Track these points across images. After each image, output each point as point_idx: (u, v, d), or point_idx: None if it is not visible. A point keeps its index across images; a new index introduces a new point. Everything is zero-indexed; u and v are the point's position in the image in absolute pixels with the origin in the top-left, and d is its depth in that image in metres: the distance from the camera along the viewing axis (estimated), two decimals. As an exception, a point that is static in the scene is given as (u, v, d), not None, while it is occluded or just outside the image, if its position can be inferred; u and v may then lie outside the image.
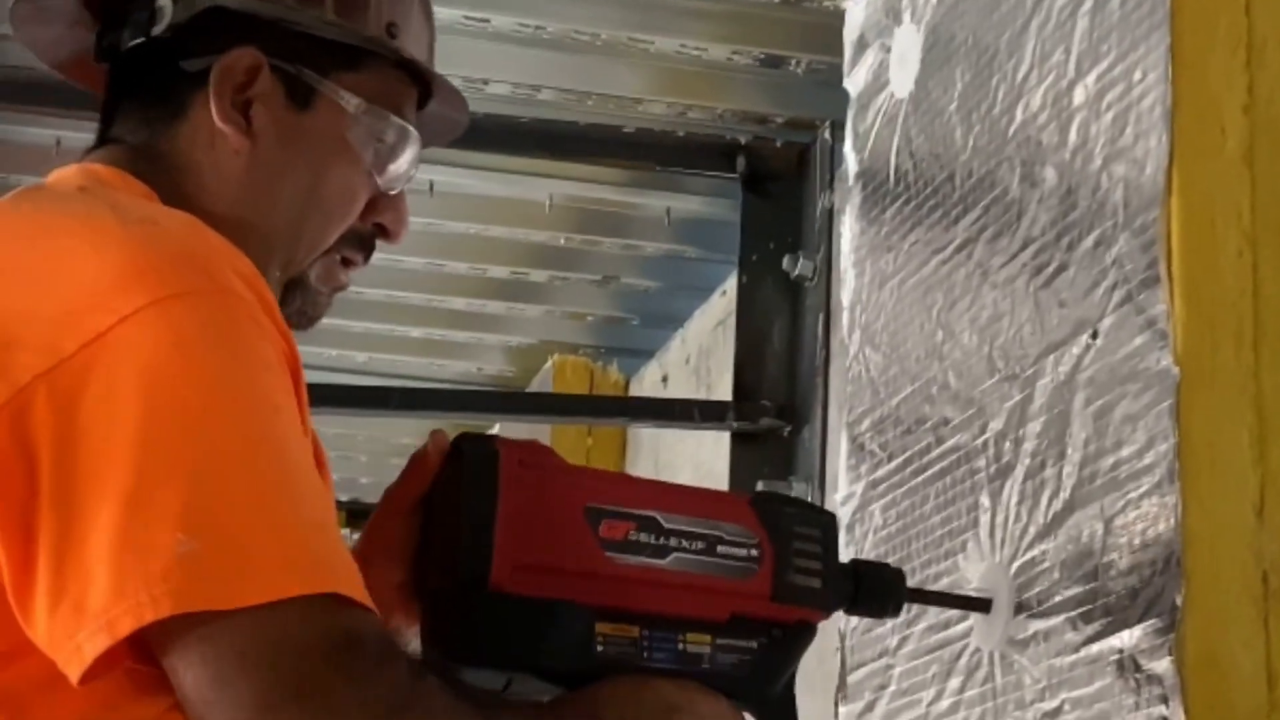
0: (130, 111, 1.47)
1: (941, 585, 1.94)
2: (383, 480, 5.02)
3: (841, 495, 2.22)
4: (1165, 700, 1.51)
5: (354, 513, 5.45)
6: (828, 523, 1.45)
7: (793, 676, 1.44)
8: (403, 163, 1.49)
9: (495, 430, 4.43)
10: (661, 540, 1.36)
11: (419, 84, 1.52)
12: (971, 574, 1.87)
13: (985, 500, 1.87)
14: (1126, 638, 1.58)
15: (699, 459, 3.34)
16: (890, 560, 2.08)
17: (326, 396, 2.88)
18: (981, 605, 1.76)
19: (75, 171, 1.43)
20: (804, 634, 1.43)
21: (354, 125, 1.46)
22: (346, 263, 1.51)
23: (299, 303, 1.48)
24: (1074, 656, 1.66)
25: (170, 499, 1.14)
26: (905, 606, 1.77)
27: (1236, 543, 1.52)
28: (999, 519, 1.83)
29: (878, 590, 1.52)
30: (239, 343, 1.21)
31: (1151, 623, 1.54)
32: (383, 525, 1.44)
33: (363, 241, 1.51)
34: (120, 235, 1.25)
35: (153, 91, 1.46)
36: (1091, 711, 1.62)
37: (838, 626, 2.20)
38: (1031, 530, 1.77)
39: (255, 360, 1.22)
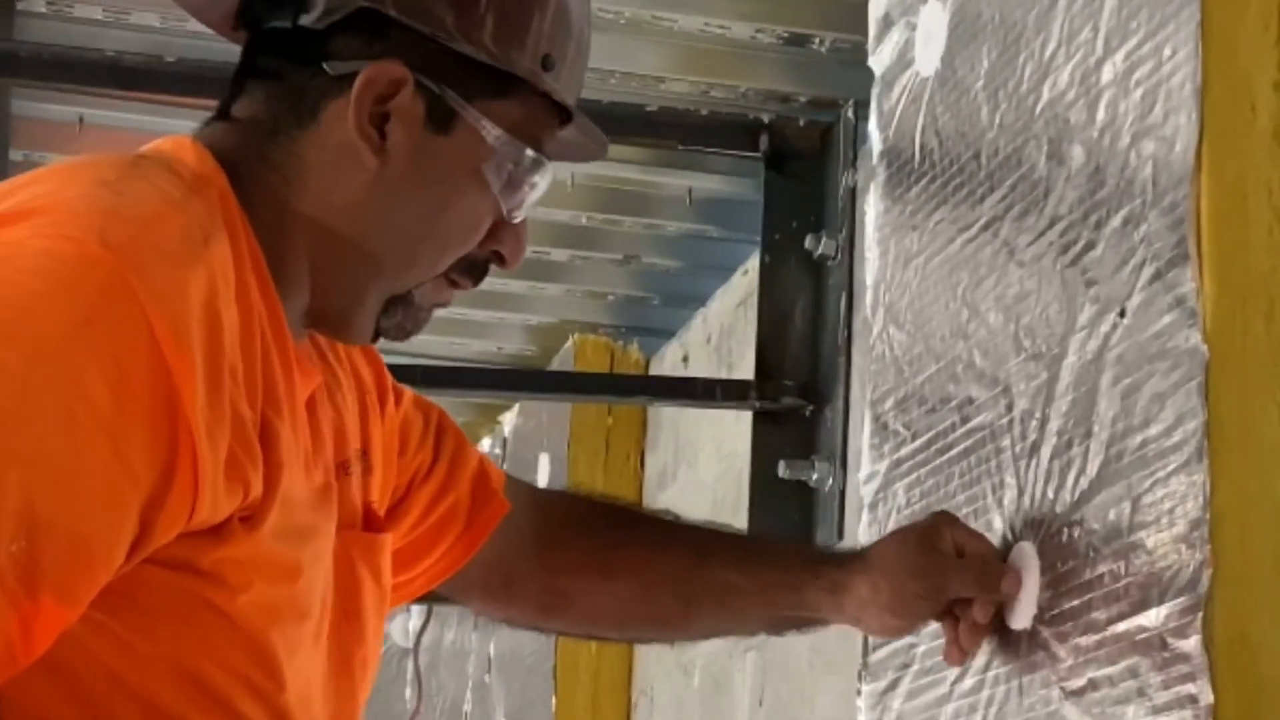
0: (257, 94, 1.43)
1: (966, 564, 1.94)
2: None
3: (865, 474, 2.22)
4: (1193, 679, 1.51)
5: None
6: None
7: None
8: (533, 194, 1.45)
9: (514, 409, 4.43)
10: None
11: (561, 114, 1.47)
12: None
13: (1011, 479, 1.86)
14: (1154, 616, 1.57)
15: (720, 439, 3.34)
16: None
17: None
18: None
19: (168, 141, 1.40)
20: None
21: (490, 155, 1.42)
22: (454, 283, 1.48)
23: (399, 317, 1.45)
24: (1100, 635, 1.66)
25: None
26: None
27: (1266, 521, 1.51)
28: (1025, 498, 1.83)
29: None
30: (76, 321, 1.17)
31: (1179, 601, 1.54)
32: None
33: (477, 265, 1.48)
34: (74, 183, 1.26)
35: (287, 83, 1.41)
36: (1118, 690, 1.62)
37: (861, 605, 2.20)
38: (1059, 509, 1.76)
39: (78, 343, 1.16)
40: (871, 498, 2.19)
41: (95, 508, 1.18)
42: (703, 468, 3.43)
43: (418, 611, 5.15)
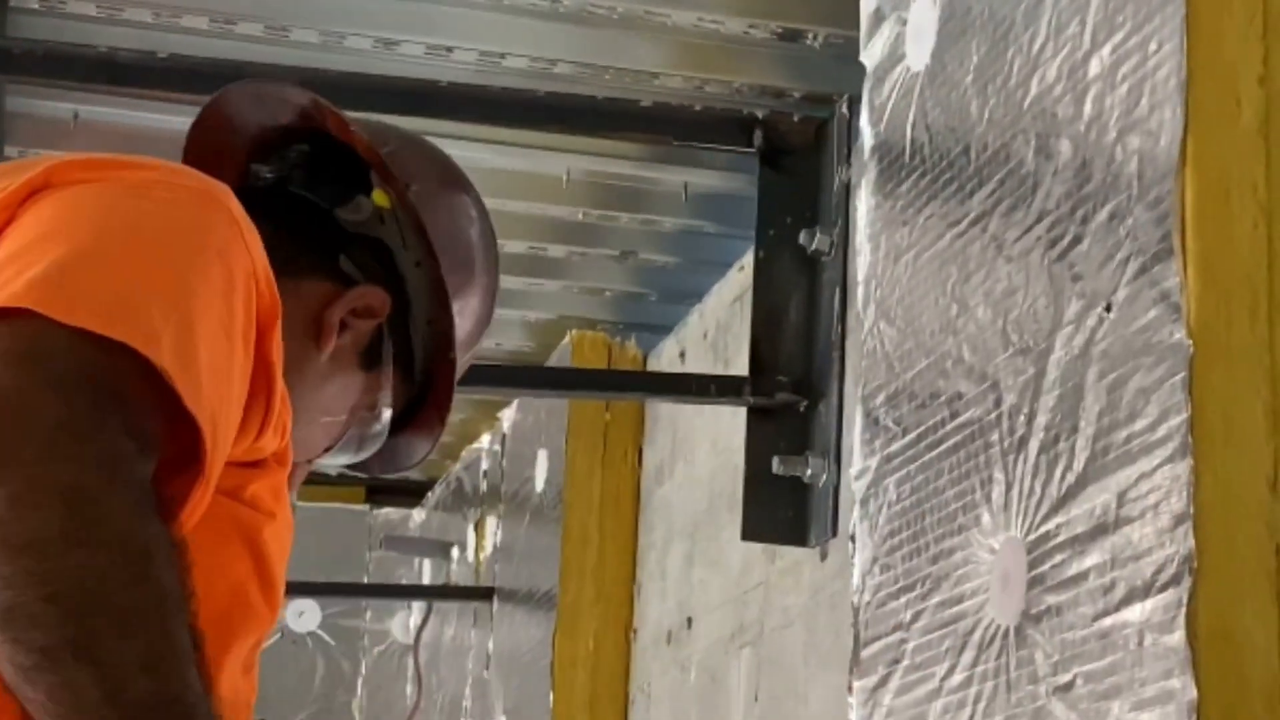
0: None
1: (955, 560, 1.94)
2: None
3: (856, 470, 2.22)
4: (1178, 673, 1.50)
5: (373, 489, 5.48)
6: None
7: None
8: (353, 453, 1.64)
9: (513, 406, 4.43)
10: None
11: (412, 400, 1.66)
12: (985, 549, 1.87)
13: (999, 474, 1.86)
14: (1139, 611, 1.57)
15: (716, 435, 3.34)
16: (902, 536, 2.09)
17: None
18: None
19: None
20: None
21: (370, 410, 1.60)
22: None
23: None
24: (1087, 630, 1.66)
25: (80, 234, 1.21)
26: (921, 580, 1.74)
27: (1250, 516, 1.51)
28: (1013, 493, 1.83)
29: None
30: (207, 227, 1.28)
31: (1164, 596, 1.54)
32: None
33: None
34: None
35: (289, 234, 1.53)
36: (1104, 685, 1.61)
37: (851, 601, 2.20)
38: (1045, 504, 1.76)
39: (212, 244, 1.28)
40: (863, 493, 2.19)
41: (230, 389, 1.26)
42: (700, 463, 3.43)
43: (418, 609, 5.17)
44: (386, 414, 1.61)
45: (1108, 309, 1.68)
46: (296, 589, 5.15)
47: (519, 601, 4.24)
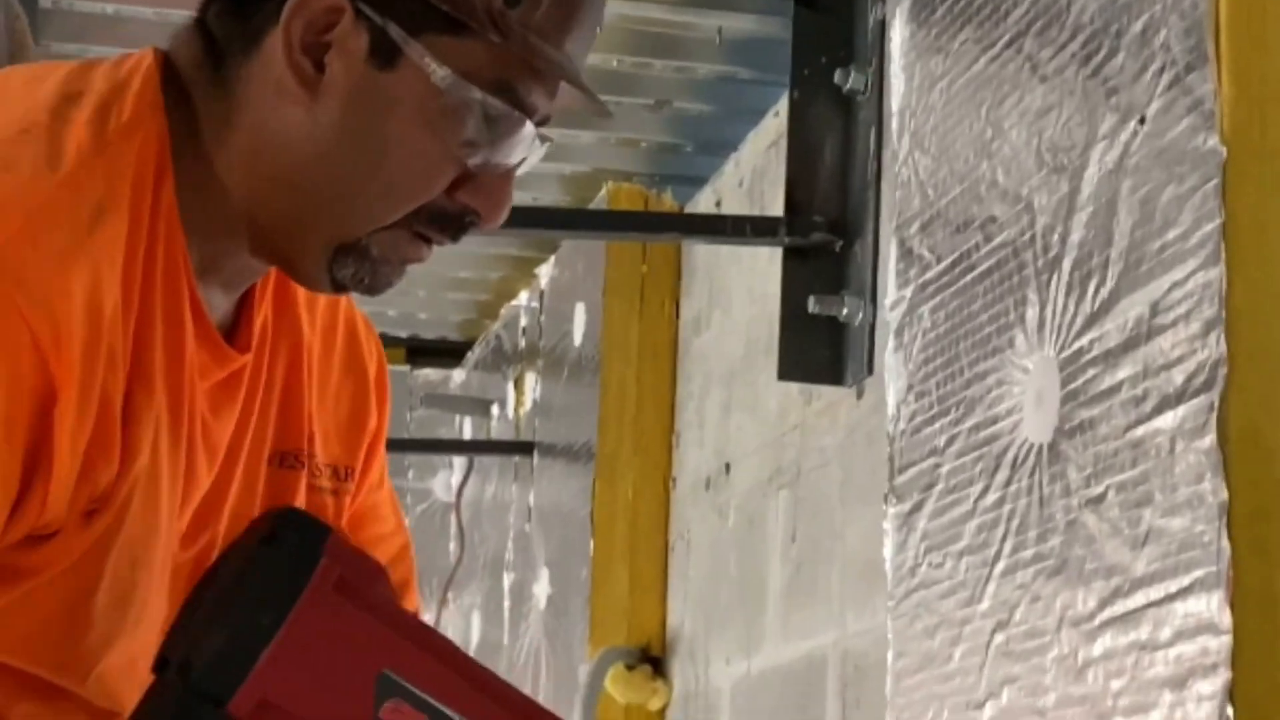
0: (222, 5, 1.33)
1: (989, 382, 1.95)
2: (441, 316, 5.08)
3: (890, 300, 2.22)
4: (1209, 477, 1.51)
5: (413, 349, 5.50)
6: None
7: None
8: (504, 147, 1.30)
9: (550, 262, 4.44)
10: None
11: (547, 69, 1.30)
12: (1019, 369, 1.88)
13: (1033, 295, 1.86)
14: (1171, 418, 1.58)
15: (752, 283, 3.34)
16: (937, 363, 2.10)
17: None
18: None
19: (133, 59, 1.33)
20: None
21: (442, 97, 1.28)
22: (423, 237, 1.33)
23: (353, 269, 1.32)
24: (1119, 441, 1.67)
25: None
26: (955, 404, 1.72)
27: (1281, 321, 1.51)
28: (1047, 312, 1.83)
29: None
30: None
31: (1195, 402, 1.55)
32: None
33: (449, 219, 1.32)
34: None
35: (237, 2, 1.32)
36: (1135, 494, 1.63)
37: (886, 430, 2.21)
38: (1079, 321, 1.77)
39: None
40: (898, 323, 2.20)
41: None
42: (736, 311, 3.44)
43: (459, 468, 5.21)
44: (470, 88, 1.28)
45: (1141, 121, 1.68)
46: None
47: (558, 455, 4.27)
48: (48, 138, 1.26)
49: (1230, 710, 1.44)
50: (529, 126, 1.30)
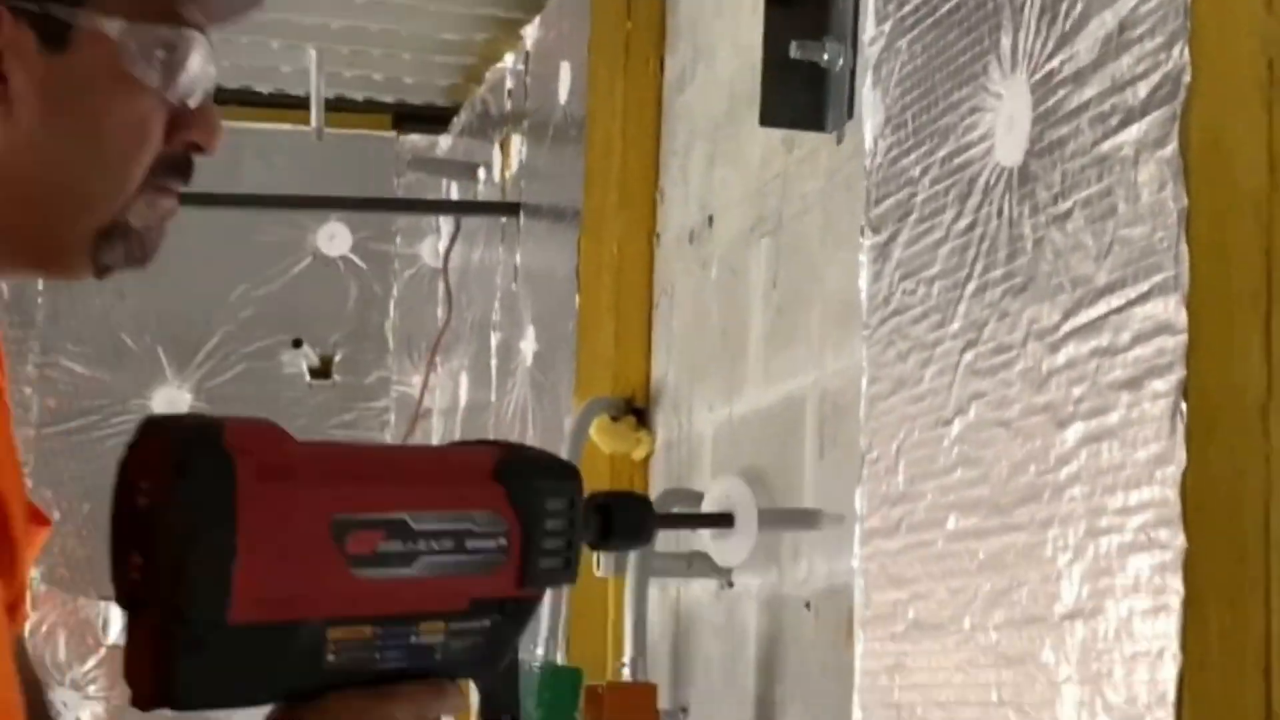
0: None
1: (962, 110, 1.98)
2: (428, 80, 5.08)
3: (869, 35, 2.24)
4: (1171, 185, 1.55)
5: (400, 115, 5.51)
6: (574, 485, 1.29)
7: (518, 645, 1.30)
8: (193, 70, 1.33)
9: (535, 23, 4.44)
10: (410, 545, 1.20)
11: None
12: (993, 95, 1.91)
13: (1007, 20, 1.89)
14: (1135, 131, 1.62)
15: (736, 36, 3.35)
16: (913, 95, 2.13)
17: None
18: (725, 521, 1.64)
19: None
20: (536, 604, 1.29)
21: (124, 50, 1.29)
22: (164, 189, 1.35)
23: (122, 249, 1.34)
24: (1085, 158, 1.70)
25: None
26: (930, 134, 1.78)
27: (1244, 33, 1.54)
28: (1020, 36, 1.86)
29: (628, 527, 1.36)
30: None
31: (1159, 113, 1.58)
32: None
33: (177, 164, 1.36)
34: None
35: None
36: (1100, 208, 1.67)
37: (864, 165, 2.25)
38: (1051, 42, 1.79)
39: None
40: (876, 59, 2.22)
41: None
42: (720, 65, 3.45)
43: (446, 232, 5.24)
44: (145, 27, 1.30)
45: None
46: (324, 204, 5.24)
47: (544, 215, 4.31)
48: None
49: (1184, 405, 1.49)
50: (204, 42, 1.33)
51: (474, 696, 1.28)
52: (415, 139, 5.54)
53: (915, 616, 1.96)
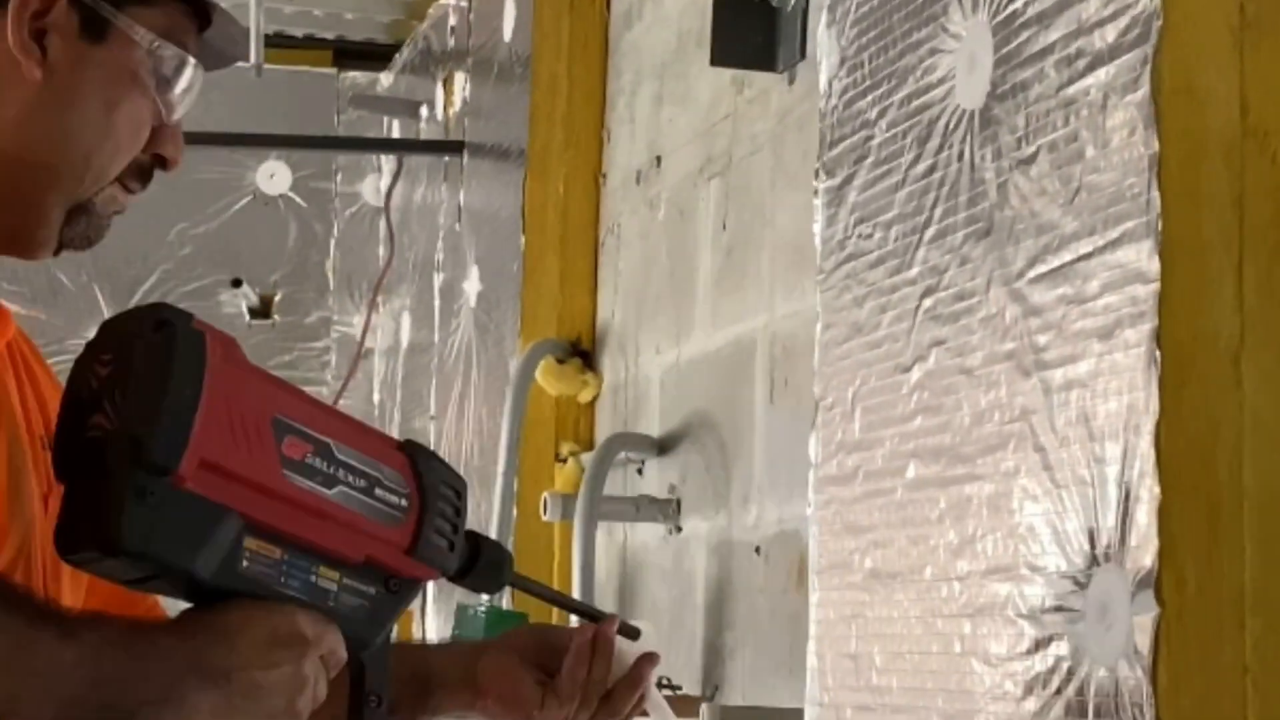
0: None
1: (921, 52, 1.94)
2: (369, 16, 5.01)
3: (826, -28, 2.20)
4: (1140, 130, 1.52)
5: (340, 51, 5.44)
6: (462, 488, 1.43)
7: (393, 629, 1.41)
8: (186, 93, 1.53)
9: None
10: (332, 470, 1.33)
11: (199, 16, 1.55)
12: (953, 36, 1.87)
13: (968, -40, 1.85)
14: (1103, 75, 1.58)
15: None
16: (870, 35, 2.09)
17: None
18: (594, 615, 1.72)
19: None
20: (415, 589, 1.40)
21: (144, 59, 1.49)
22: (126, 188, 1.54)
23: (83, 227, 1.51)
24: (1051, 101, 1.67)
25: None
26: (888, 76, 1.73)
27: (1217, -27, 1.51)
28: (982, -24, 1.82)
29: (488, 567, 1.49)
30: None
31: (1129, 57, 1.55)
32: None
33: (142, 171, 1.54)
34: None
35: None
36: (1066, 152, 1.64)
37: (818, 107, 2.21)
38: (1014, -17, 1.76)
39: None
40: (830, -5, 2.18)
41: None
42: (668, 3, 3.40)
43: (388, 170, 5.18)
44: (167, 46, 1.51)
45: None
46: (265, 142, 5.17)
47: (488, 154, 4.25)
48: None
49: (1158, 354, 1.47)
50: (200, 73, 1.54)
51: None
52: (356, 76, 5.47)
53: (873, 566, 1.94)
